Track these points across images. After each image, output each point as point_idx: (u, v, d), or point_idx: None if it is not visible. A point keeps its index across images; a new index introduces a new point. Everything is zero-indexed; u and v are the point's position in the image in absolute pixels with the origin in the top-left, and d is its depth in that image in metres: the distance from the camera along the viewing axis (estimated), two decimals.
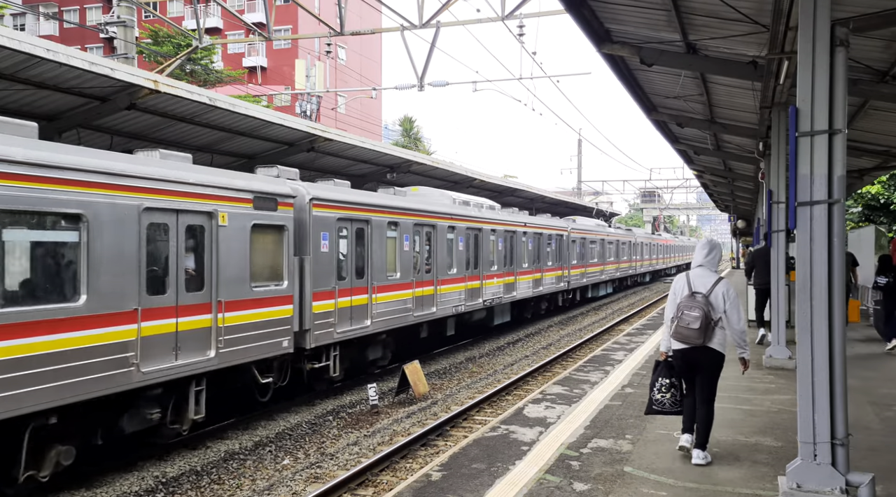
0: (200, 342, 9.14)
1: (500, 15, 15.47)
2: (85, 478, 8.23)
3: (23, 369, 6.84)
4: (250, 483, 8.43)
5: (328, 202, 12.00)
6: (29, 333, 6.90)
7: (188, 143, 13.11)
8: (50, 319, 7.14)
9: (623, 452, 6.79)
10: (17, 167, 6.87)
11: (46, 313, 7.12)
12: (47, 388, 7.05)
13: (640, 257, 44.07)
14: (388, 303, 13.85)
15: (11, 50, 8.08)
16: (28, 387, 6.87)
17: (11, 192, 6.82)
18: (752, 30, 7.56)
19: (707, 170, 23.49)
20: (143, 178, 8.32)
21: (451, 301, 16.88)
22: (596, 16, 8.32)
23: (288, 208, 10.89)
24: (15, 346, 6.77)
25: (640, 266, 44.33)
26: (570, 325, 24.48)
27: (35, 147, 7.17)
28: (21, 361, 6.82)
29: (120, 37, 15.41)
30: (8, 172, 6.80)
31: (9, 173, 6.80)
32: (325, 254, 11.80)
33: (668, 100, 12.58)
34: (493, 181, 24.48)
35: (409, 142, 60.85)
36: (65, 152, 7.49)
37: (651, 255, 48.47)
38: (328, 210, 11.99)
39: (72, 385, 7.32)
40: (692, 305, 6.13)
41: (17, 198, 6.87)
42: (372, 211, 13.37)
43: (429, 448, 9.71)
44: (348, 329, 12.42)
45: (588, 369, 13.69)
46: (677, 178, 50.08)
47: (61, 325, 7.23)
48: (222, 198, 9.58)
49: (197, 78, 36.80)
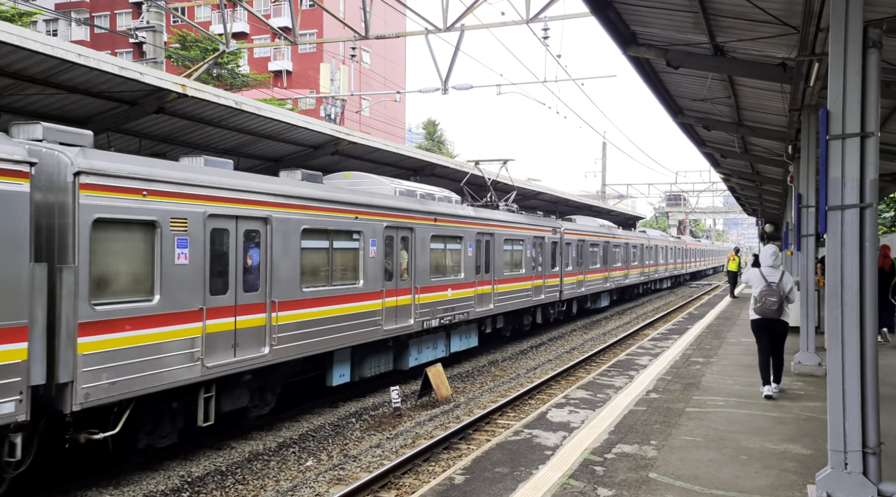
0: (408, 313, 10.71)
1: (525, 18, 15.44)
2: (112, 477, 8.34)
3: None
4: (274, 484, 8.48)
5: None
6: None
7: (215, 147, 13.25)
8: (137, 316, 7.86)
9: (648, 458, 6.72)
10: (121, 181, 7.68)
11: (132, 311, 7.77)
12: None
13: (657, 262, 39.63)
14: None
15: (44, 55, 8.23)
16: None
17: (117, 202, 7.63)
18: (781, 31, 7.46)
19: (734, 173, 23.23)
20: (384, 207, 10.69)
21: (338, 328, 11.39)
22: (621, 18, 8.27)
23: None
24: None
25: (657, 271, 39.85)
26: (594, 330, 24.31)
27: (133, 162, 8.03)
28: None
29: (149, 41, 15.65)
30: (113, 186, 7.59)
31: (115, 187, 7.61)
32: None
33: (695, 102, 12.47)
34: (517, 185, 24.40)
35: (433, 145, 60.94)
36: (162, 167, 8.36)
37: (674, 259, 45.17)
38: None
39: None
40: (771, 292, 8.95)
41: (118, 208, 7.68)
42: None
43: (451, 451, 9.70)
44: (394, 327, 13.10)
45: (612, 374, 13.58)
46: (703, 181, 49.61)
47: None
48: (274, 204, 10.03)
49: (223, 82, 37.24)
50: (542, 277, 20.84)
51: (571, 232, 24.25)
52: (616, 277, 30.48)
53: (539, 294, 20.64)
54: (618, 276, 30.78)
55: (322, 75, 40.72)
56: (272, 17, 50.67)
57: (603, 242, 28.13)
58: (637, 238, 35.07)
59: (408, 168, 18.46)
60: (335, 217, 11.35)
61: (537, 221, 21.20)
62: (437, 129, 64.40)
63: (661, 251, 41.17)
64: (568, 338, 22.02)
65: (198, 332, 8.54)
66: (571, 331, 23.57)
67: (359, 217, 11.88)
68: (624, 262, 31.87)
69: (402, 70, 64.32)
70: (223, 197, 9.06)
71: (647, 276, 37.37)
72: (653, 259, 38.74)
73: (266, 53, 55.41)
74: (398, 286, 13.13)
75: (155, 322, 8.00)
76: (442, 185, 20.74)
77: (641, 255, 35.64)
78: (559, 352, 19.00)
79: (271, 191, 9.93)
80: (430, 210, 14.43)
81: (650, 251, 37.97)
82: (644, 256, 36.31)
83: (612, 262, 29.60)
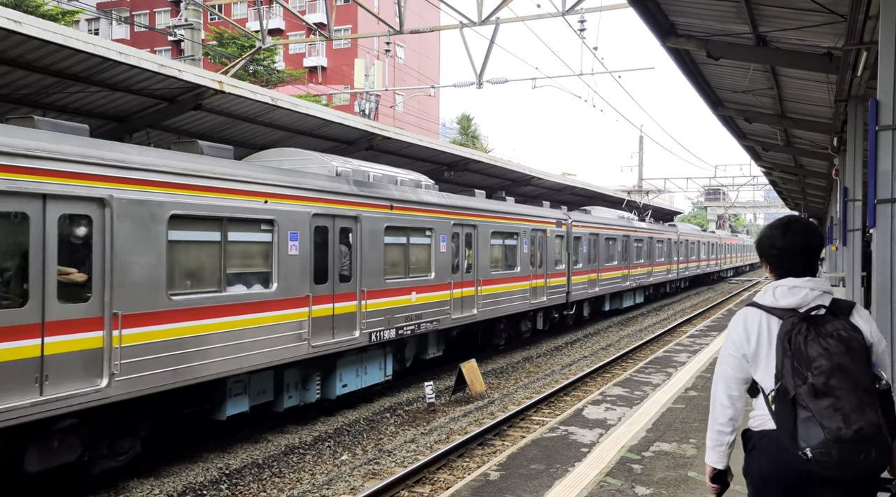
0: (349, 324, 10.59)
1: (561, 10, 15.26)
2: (153, 468, 8.50)
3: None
4: (310, 477, 8.55)
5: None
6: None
7: (251, 143, 13.39)
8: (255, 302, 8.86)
9: (687, 457, 6.60)
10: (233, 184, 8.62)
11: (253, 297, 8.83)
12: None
13: (687, 258, 36.18)
14: None
15: (87, 53, 8.39)
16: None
17: (234, 203, 8.62)
18: (827, 20, 7.23)
19: (776, 166, 22.70)
20: (312, 189, 9.93)
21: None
22: (660, 8, 8.12)
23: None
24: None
25: (687, 269, 36.46)
26: (630, 326, 24.03)
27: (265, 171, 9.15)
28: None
29: (187, 38, 15.86)
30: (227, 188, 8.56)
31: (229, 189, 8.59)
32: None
33: (736, 94, 12.20)
34: (551, 179, 24.23)
35: (467, 140, 60.83)
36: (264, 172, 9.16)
37: (707, 255, 41.58)
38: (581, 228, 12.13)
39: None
40: None
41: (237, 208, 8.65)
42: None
43: (486, 447, 9.67)
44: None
45: (649, 371, 13.40)
46: (744, 175, 48.50)
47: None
48: (363, 204, 10.98)
49: (259, 78, 37.65)
50: (543, 277, 18.24)
51: (582, 224, 21.23)
52: (639, 275, 27.57)
53: (539, 296, 18.00)
54: (641, 273, 27.82)
55: (356, 71, 40.87)
56: (307, 14, 51.03)
57: (622, 236, 25.17)
58: (664, 232, 31.59)
59: (442, 163, 18.44)
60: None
61: (536, 212, 18.43)
62: (472, 124, 64.27)
63: (692, 247, 38.06)
64: (604, 334, 21.80)
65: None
66: (607, 327, 23.34)
67: (269, 201, 9.27)
68: (648, 258, 28.75)
69: (437, 64, 64.28)
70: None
71: (675, 274, 34.05)
72: (683, 255, 35.49)
73: (301, 49, 55.88)
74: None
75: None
76: (477, 182, 20.70)
77: (669, 250, 32.53)
78: (595, 348, 18.82)
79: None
80: (381, 195, 11.66)
81: (680, 246, 34.69)
82: (672, 252, 33.24)
83: (634, 258, 26.63)
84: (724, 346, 2.97)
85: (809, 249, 2.92)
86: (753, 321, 2.88)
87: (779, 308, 2.83)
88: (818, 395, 2.56)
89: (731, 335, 2.96)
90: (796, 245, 2.92)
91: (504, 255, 16.45)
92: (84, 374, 6.85)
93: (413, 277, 12.55)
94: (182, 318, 7.95)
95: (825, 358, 2.59)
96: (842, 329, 2.66)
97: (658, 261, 30.21)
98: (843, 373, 2.57)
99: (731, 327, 2.98)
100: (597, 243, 22.40)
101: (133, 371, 7.33)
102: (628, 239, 25.90)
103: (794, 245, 2.92)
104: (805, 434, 2.57)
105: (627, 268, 25.82)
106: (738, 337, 2.90)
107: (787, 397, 2.64)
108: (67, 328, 6.73)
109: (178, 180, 7.95)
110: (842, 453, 2.51)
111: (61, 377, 6.62)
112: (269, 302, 9.15)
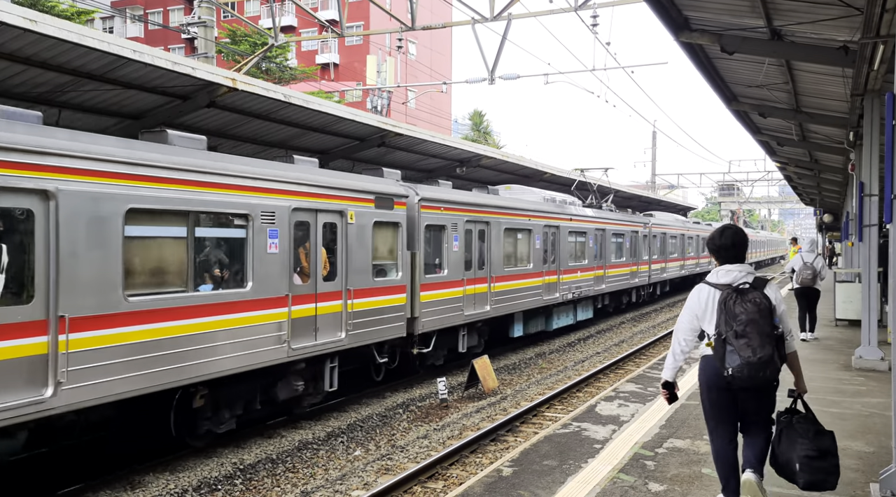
0: (334, 325, 10.28)
1: (574, 5, 15.19)
2: (168, 463, 8.57)
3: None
4: (323, 472, 8.59)
5: (443, 203, 13.28)
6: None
7: (264, 140, 13.44)
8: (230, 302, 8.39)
9: (701, 453, 6.57)
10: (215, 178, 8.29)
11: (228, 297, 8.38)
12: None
13: (664, 256, 29.69)
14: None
15: (102, 51, 8.44)
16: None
17: (209, 197, 8.22)
18: (843, 13, 7.15)
19: (791, 161, 22.49)
20: (293, 182, 9.52)
21: None
22: (674, 3, 8.06)
23: (402, 207, 12.05)
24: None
25: (664, 270, 29.84)
26: (644, 322, 23.94)
27: (237, 162, 8.74)
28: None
29: (200, 36, 15.94)
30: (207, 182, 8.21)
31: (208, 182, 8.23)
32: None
33: (750, 89, 12.09)
34: (564, 175, 24.11)
35: (479, 136, 60.73)
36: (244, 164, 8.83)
37: (697, 252, 34.69)
38: (451, 212, 13.62)
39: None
40: (807, 269, 12.68)
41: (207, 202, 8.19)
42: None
43: (498, 443, 9.67)
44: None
45: (662, 367, 13.34)
46: (758, 170, 48.17)
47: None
48: (350, 198, 10.61)
49: (272, 75, 37.76)
50: (636, 265, 25.16)
51: (655, 226, 27.73)
52: (688, 265, 32.93)
53: (634, 278, 24.97)
54: (690, 264, 33.27)
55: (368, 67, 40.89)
56: (319, 10, 51.08)
57: (679, 235, 30.41)
58: (626, 223, 25.73)
59: (454, 159, 18.42)
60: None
61: (632, 218, 25.44)
62: (484, 120, 64.15)
63: (673, 242, 32.02)
64: (616, 330, 21.73)
65: None
66: (620, 323, 23.26)
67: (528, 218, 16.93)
68: (633, 255, 25.85)
69: (449, 61, 64.18)
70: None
71: (645, 278, 27.89)
72: (658, 253, 29.25)
73: (313, 46, 55.97)
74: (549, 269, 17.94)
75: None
76: (489, 177, 20.68)
77: (634, 247, 26.92)
78: (607, 344, 18.76)
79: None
80: (566, 212, 19.26)
81: (653, 241, 28.90)
82: (640, 249, 27.47)
83: (569, 259, 23.44)
84: (685, 308, 4.56)
85: (736, 246, 4.51)
86: (703, 292, 4.51)
87: (719, 284, 4.45)
88: (738, 337, 4.18)
89: (689, 301, 4.57)
90: (727, 243, 4.51)
91: (618, 249, 23.82)
92: (25, 383, 6.23)
93: (580, 262, 20.05)
94: (143, 321, 7.33)
95: (744, 314, 4.19)
96: (757, 297, 4.25)
97: (614, 261, 23.50)
98: (754, 324, 4.17)
99: (690, 297, 4.59)
100: (664, 241, 22.04)
101: (83, 379, 6.68)
102: (684, 237, 25.32)
103: (727, 243, 4.51)
104: (729, 360, 4.20)
105: (683, 259, 25.70)
106: (693, 303, 4.54)
107: (721, 339, 4.26)
108: (6, 333, 6.09)
109: (137, 171, 7.31)
110: (750, 371, 4.15)
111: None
112: (245, 302, 8.60)
